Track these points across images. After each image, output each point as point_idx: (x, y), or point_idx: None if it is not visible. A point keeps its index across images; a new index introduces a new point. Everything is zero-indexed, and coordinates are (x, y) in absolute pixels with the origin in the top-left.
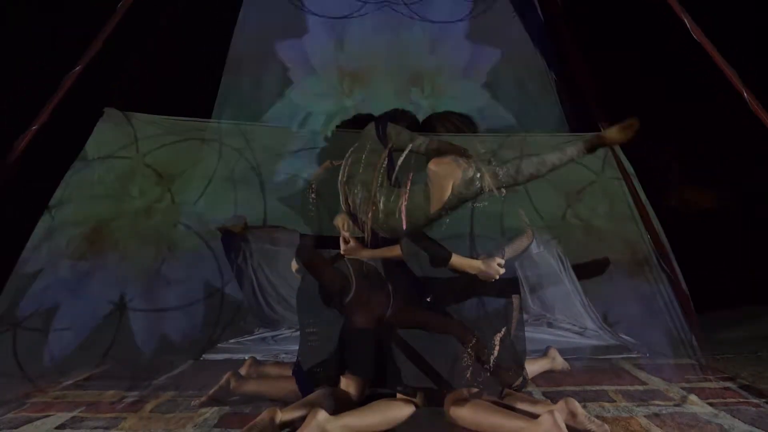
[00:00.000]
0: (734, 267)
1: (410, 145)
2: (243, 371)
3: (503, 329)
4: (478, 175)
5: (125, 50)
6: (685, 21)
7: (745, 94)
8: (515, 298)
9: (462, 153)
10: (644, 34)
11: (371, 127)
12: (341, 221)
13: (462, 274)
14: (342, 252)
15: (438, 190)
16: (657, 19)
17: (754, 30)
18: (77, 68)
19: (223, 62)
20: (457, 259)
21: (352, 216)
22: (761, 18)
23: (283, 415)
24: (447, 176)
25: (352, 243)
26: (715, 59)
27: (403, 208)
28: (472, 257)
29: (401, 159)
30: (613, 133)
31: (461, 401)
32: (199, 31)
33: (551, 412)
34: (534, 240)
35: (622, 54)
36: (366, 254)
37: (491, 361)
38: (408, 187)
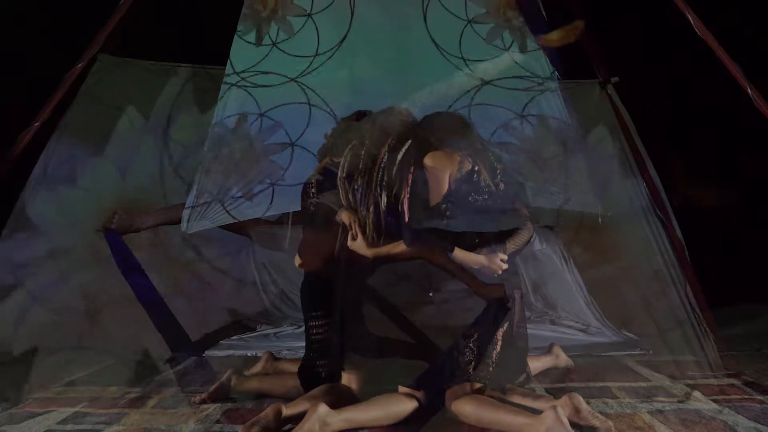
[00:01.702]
0: (737, 264)
1: (408, 143)
2: (259, 366)
3: (506, 324)
4: (476, 168)
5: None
6: (689, 17)
7: (750, 91)
8: (516, 294)
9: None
10: (647, 30)
11: (369, 123)
12: (347, 217)
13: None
14: (348, 246)
15: (436, 183)
16: (661, 14)
17: (759, 26)
18: (79, 65)
19: None
20: (459, 254)
21: (354, 211)
22: (765, 13)
23: (287, 411)
24: (442, 169)
25: (359, 239)
26: (719, 55)
27: (405, 202)
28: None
29: (401, 153)
30: (554, 34)
31: (464, 396)
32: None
33: (554, 408)
34: (534, 234)
35: (623, 51)
36: (370, 252)
37: (494, 356)
38: (410, 181)
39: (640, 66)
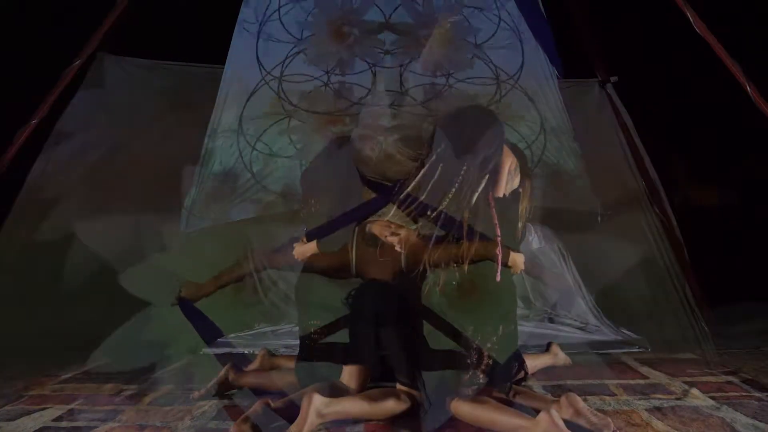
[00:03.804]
0: (736, 262)
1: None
2: (256, 363)
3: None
4: (520, 190)
5: None
6: (688, 15)
7: (749, 89)
8: None
9: None
10: (647, 30)
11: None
12: (382, 228)
13: None
14: (398, 248)
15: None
16: (661, 14)
17: (759, 23)
18: (76, 62)
19: None
20: (515, 255)
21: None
22: (765, 11)
23: (275, 406)
24: (505, 156)
25: (414, 237)
26: (718, 53)
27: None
28: None
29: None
30: None
31: (462, 397)
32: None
33: (548, 411)
34: (534, 232)
35: (623, 51)
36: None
37: (492, 354)
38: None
39: (640, 66)
